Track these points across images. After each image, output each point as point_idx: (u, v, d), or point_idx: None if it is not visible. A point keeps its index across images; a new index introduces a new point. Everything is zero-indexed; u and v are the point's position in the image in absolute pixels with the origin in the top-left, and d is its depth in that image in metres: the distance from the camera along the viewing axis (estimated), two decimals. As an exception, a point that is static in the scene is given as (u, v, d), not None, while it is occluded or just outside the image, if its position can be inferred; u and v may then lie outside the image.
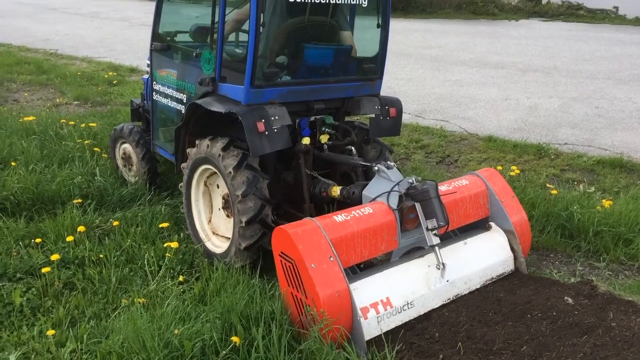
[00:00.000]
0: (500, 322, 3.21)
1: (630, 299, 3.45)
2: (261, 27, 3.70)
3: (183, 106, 4.46)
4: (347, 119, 4.68)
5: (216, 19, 3.99)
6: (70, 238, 3.94)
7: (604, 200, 4.81)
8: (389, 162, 3.71)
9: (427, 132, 7.83)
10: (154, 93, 4.91)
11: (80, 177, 5.03)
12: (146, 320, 2.96)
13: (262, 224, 3.73)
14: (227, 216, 4.11)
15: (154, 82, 4.88)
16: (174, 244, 3.85)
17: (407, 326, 3.19)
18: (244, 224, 3.68)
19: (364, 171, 4.29)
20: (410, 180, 3.50)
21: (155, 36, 4.73)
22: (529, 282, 3.70)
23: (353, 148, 4.32)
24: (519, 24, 21.57)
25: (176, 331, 2.81)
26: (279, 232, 3.17)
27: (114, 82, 10.51)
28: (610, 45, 15.56)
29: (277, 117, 3.77)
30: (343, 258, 3.12)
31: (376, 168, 3.66)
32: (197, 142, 4.05)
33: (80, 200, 4.53)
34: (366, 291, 3.16)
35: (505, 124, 8.18)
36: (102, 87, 10.10)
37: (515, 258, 3.87)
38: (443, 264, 3.42)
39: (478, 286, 3.63)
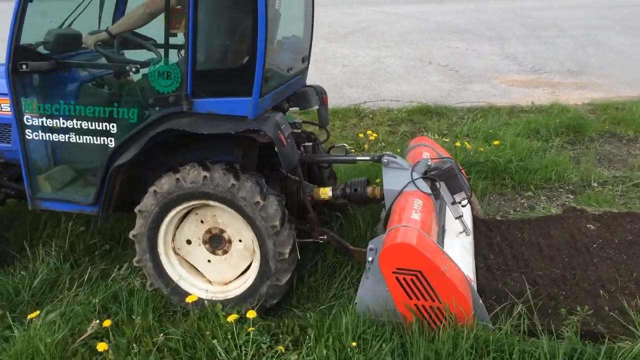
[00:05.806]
0: (584, 263, 3.58)
1: (624, 210, 4.24)
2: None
3: (111, 138, 3.36)
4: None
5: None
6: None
7: (495, 141, 5.60)
8: (388, 152, 3.66)
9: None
10: (27, 130, 3.46)
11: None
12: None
13: None
14: (225, 252, 3.44)
15: (27, 117, 3.44)
16: (251, 313, 2.88)
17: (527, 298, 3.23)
18: (281, 284, 3.24)
19: (324, 169, 4.24)
20: (430, 163, 3.65)
21: (22, 52, 3.27)
22: (539, 222, 4.15)
23: (346, 145, 4.17)
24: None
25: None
26: (393, 249, 2.91)
27: None
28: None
29: (284, 126, 3.31)
30: None
31: (385, 160, 3.57)
32: (185, 168, 3.18)
33: (37, 313, 2.88)
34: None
35: (298, 94, 8.31)
36: None
37: (472, 208, 4.32)
38: (469, 229, 3.69)
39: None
